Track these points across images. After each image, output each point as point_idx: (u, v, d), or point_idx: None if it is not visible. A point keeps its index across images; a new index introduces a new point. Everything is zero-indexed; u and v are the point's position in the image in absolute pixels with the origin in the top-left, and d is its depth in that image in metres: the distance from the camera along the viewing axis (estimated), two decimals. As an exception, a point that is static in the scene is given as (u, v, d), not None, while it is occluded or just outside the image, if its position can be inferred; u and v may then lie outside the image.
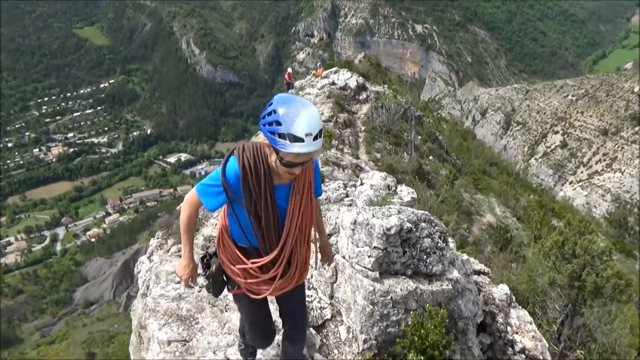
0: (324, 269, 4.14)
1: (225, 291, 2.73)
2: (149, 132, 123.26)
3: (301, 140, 2.05)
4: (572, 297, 5.49)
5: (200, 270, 2.68)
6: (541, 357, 4.00)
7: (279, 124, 2.07)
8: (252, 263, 2.47)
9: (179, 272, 2.58)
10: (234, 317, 3.60)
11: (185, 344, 3.41)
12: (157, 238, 6.01)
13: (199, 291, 4.18)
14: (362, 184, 5.62)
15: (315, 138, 2.09)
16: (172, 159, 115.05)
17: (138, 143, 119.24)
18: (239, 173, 2.29)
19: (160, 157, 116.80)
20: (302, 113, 2.06)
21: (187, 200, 2.48)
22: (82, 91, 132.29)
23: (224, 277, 2.66)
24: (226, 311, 3.80)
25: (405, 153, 15.08)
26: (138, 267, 5.73)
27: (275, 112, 2.09)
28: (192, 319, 3.69)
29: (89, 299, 68.00)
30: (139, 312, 4.80)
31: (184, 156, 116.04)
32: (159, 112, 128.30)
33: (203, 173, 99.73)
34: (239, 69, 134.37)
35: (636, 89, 71.33)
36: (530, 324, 4.28)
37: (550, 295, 5.93)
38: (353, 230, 3.88)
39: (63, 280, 75.79)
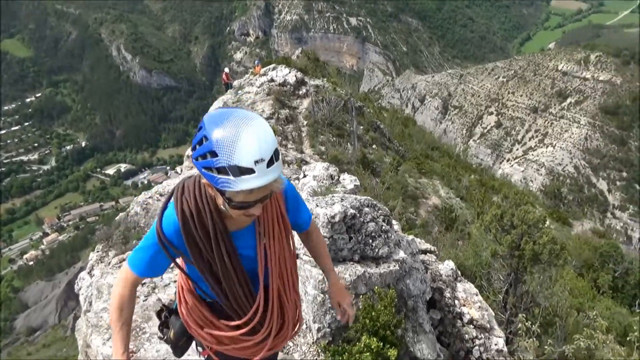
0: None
1: None
2: (83, 144, 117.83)
3: (250, 171, 1.47)
4: (513, 266, 5.76)
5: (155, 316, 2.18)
6: (488, 326, 4.16)
7: (214, 154, 1.48)
8: (230, 328, 1.92)
9: None
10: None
11: (132, 355, 3.27)
12: (97, 251, 5.74)
13: (145, 300, 4.03)
14: (305, 176, 5.63)
15: (271, 163, 1.50)
16: (111, 171, 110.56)
17: (72, 157, 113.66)
18: (178, 225, 1.72)
19: (98, 169, 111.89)
20: (243, 132, 1.47)
21: (119, 277, 1.88)
22: (5, 107, 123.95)
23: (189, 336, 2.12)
24: (174, 317, 3.68)
25: (348, 144, 15.25)
26: (78, 284, 5.46)
27: (207, 138, 1.50)
28: (138, 329, 3.54)
29: (31, 326, 64.22)
30: (84, 330, 4.58)
31: (123, 166, 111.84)
32: (92, 123, 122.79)
33: (145, 182, 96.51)
34: (175, 73, 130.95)
35: (560, 67, 75.83)
36: (476, 295, 4.44)
37: (494, 266, 6.19)
38: (298, 221, 3.86)
39: (1, 310, 71.13)
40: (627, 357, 3.07)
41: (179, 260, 1.88)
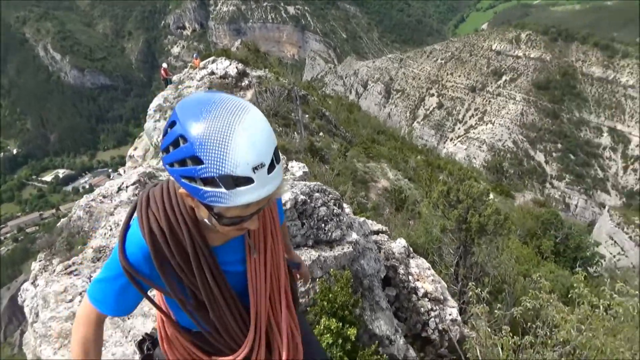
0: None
1: None
2: (15, 151, 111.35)
3: (248, 180, 1.13)
4: (462, 239, 6.00)
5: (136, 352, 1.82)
6: (442, 297, 4.32)
7: (197, 161, 1.11)
8: None
9: None
10: (137, 323, 3.40)
11: (86, 364, 3.15)
12: (40, 260, 5.45)
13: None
14: (254, 166, 5.63)
15: (272, 167, 1.16)
16: (48, 177, 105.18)
17: (4, 166, 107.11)
18: (147, 248, 1.36)
19: (34, 177, 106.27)
20: (236, 129, 1.11)
21: (79, 316, 1.50)
22: None
23: None
24: (129, 319, 3.57)
25: (295, 133, 15.23)
26: (22, 296, 5.17)
27: (185, 138, 1.13)
28: (91, 336, 3.41)
29: (-25, 347, 60.49)
30: (32, 343, 4.36)
31: (61, 172, 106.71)
32: (23, 129, 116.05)
33: (87, 186, 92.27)
34: (109, 71, 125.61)
35: (494, 47, 78.87)
36: (429, 269, 4.59)
37: (444, 241, 6.42)
38: (249, 211, 3.83)
39: (-61, 333, 66.45)
40: (569, 313, 3.30)
41: (154, 293, 1.53)
